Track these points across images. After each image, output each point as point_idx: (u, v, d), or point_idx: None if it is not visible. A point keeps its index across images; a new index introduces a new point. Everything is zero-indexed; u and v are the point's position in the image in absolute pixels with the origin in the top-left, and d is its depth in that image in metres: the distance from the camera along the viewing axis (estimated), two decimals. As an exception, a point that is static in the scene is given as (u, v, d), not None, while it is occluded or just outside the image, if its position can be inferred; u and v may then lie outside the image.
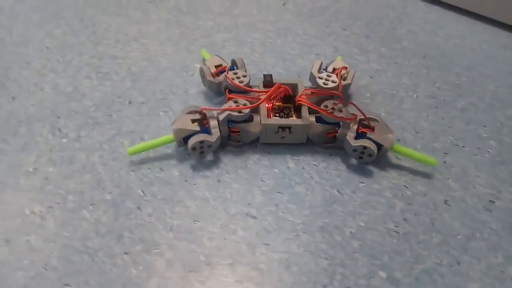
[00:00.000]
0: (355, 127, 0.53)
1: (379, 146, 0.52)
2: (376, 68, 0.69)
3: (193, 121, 0.52)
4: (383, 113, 0.62)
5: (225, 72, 0.58)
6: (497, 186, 0.53)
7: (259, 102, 0.53)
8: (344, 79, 0.60)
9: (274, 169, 0.54)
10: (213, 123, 0.52)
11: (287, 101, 0.56)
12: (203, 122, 0.53)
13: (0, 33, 0.71)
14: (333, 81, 0.56)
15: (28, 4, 0.77)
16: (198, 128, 0.52)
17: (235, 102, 0.53)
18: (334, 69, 0.60)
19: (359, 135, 0.53)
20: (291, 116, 0.55)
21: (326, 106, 0.53)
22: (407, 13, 0.82)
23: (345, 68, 0.61)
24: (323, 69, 0.61)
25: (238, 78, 0.56)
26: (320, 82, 0.56)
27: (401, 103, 0.63)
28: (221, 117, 0.52)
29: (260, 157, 0.55)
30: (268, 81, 0.56)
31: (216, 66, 0.60)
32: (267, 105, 0.55)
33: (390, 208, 0.50)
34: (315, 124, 0.54)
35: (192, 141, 0.51)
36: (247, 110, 0.52)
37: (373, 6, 0.83)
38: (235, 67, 0.60)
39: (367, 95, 0.64)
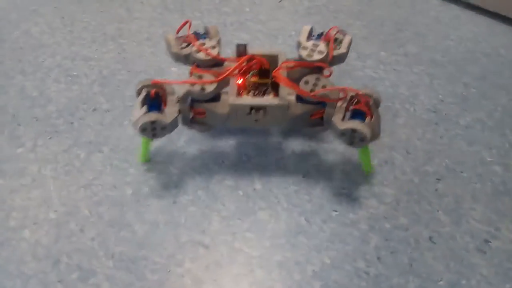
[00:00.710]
0: (344, 105, 0.43)
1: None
2: (372, 75, 0.62)
3: (143, 102, 0.44)
4: (372, 129, 0.55)
5: (191, 41, 0.47)
6: (496, 222, 0.46)
7: (224, 74, 0.43)
8: (339, 45, 0.48)
9: (238, 190, 0.48)
10: (171, 99, 0.44)
11: (266, 76, 0.47)
12: (161, 98, 0.44)
13: (-23, 30, 0.68)
14: (319, 52, 0.45)
15: (8, 0, 0.74)
16: (144, 110, 0.43)
17: (199, 77, 0.44)
18: (323, 34, 0.49)
19: (354, 114, 0.43)
20: (268, 95, 0.46)
21: (307, 82, 0.43)
22: (417, 12, 0.73)
23: (342, 32, 0.50)
24: (313, 36, 0.50)
25: (206, 49, 0.45)
26: (304, 53, 0.45)
27: (395, 117, 0.56)
28: (180, 93, 0.43)
29: (224, 176, 0.49)
30: (241, 52, 0.46)
31: (182, 37, 0.49)
32: (238, 81, 0.45)
33: (364, 243, 0.44)
34: (295, 104, 0.44)
35: (140, 121, 0.42)
36: (211, 86, 0.42)
37: (379, 3, 0.75)
38: (206, 36, 0.49)
39: (357, 106, 0.57)
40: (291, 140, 0.53)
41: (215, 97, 0.44)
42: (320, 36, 0.50)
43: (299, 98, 0.44)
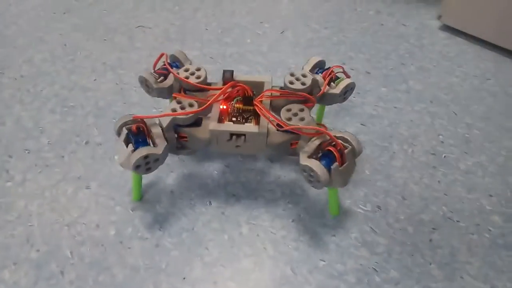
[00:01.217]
0: (317, 142, 0.42)
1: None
2: (371, 113, 0.60)
3: (126, 141, 0.43)
4: (367, 171, 0.53)
5: (170, 72, 0.48)
6: (492, 279, 0.43)
7: (206, 104, 0.44)
8: (336, 85, 0.49)
9: (224, 234, 0.47)
10: (155, 131, 0.43)
11: (249, 103, 0.46)
12: (143, 132, 0.44)
13: (-18, 57, 0.69)
14: (303, 83, 0.46)
15: (17, 27, 0.75)
16: (131, 148, 0.42)
17: (179, 102, 0.45)
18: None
19: (324, 154, 0.42)
20: (250, 122, 0.46)
21: (288, 110, 0.44)
22: (422, 46, 0.71)
23: (346, 74, 0.50)
24: (319, 70, 0.50)
25: (192, 74, 0.47)
26: (287, 79, 0.46)
27: (392, 159, 0.54)
28: (164, 123, 0.44)
29: (211, 218, 0.48)
30: (228, 79, 0.47)
31: (156, 71, 0.50)
32: (222, 107, 0.46)
33: (350, 298, 0.42)
34: (274, 132, 0.44)
35: (133, 158, 0.41)
36: (189, 114, 0.43)
37: (383, 36, 0.73)
38: (178, 64, 0.51)
39: (353, 146, 0.56)
40: (283, 181, 0.51)
41: (197, 122, 0.45)
42: (323, 71, 0.50)
43: (280, 126, 0.44)
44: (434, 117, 0.60)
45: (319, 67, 0.51)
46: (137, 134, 0.43)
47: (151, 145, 0.43)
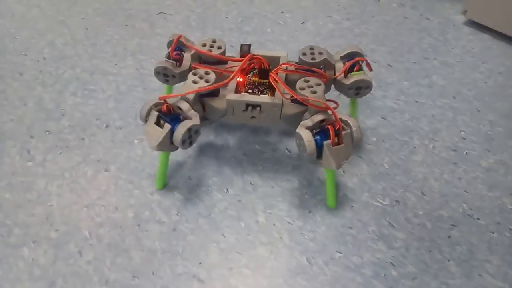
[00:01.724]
0: (320, 117, 0.43)
1: (320, 154, 0.42)
2: (392, 106, 0.59)
3: (158, 124, 0.44)
4: (386, 165, 0.52)
5: (191, 48, 0.49)
6: (511, 278, 0.42)
7: (231, 77, 0.45)
8: (352, 76, 0.48)
9: (240, 222, 0.47)
10: (184, 106, 0.44)
11: (265, 76, 0.48)
12: (170, 112, 0.44)
13: (5, 40, 0.70)
14: (313, 58, 0.48)
15: (39, 10, 0.76)
16: (168, 127, 0.43)
17: (195, 74, 0.46)
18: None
19: (321, 131, 0.43)
20: (265, 94, 0.47)
21: (306, 81, 0.45)
22: (446, 40, 0.70)
23: (369, 68, 0.50)
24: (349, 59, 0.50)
25: (212, 47, 0.50)
26: (301, 52, 0.48)
27: (412, 154, 0.54)
28: (190, 97, 0.45)
29: (228, 205, 0.48)
30: (245, 52, 0.49)
31: (168, 58, 0.50)
32: (238, 79, 0.47)
33: (366, 290, 0.42)
34: (289, 104, 0.46)
35: (180, 132, 0.42)
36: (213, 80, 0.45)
37: (406, 29, 0.72)
38: (181, 47, 0.51)
39: (373, 139, 0.55)
40: (301, 171, 0.51)
41: (215, 92, 0.47)
42: (351, 59, 0.49)
43: (294, 99, 0.45)
44: (456, 113, 0.59)
45: (352, 56, 0.50)
46: (168, 114, 0.44)
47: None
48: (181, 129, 0.42)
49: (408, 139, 0.55)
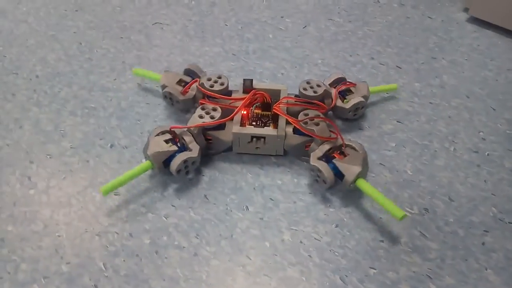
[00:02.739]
0: (327, 146, 0.47)
1: (341, 175, 0.45)
2: (406, 109, 0.58)
3: (166, 141, 0.47)
4: (409, 171, 0.50)
5: (196, 83, 0.53)
6: (554, 285, 0.41)
7: (234, 112, 0.48)
8: (348, 99, 0.54)
9: (264, 241, 0.44)
10: (187, 138, 0.48)
11: (267, 109, 0.51)
12: (175, 140, 0.48)
13: (-7, 58, 0.66)
14: (314, 92, 0.51)
15: (27, 26, 0.72)
16: (175, 148, 0.47)
17: (203, 109, 0.50)
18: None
19: (327, 158, 0.47)
20: (268, 126, 0.50)
21: (306, 114, 0.49)
22: (451, 39, 0.69)
23: (363, 89, 0.55)
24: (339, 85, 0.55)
25: (215, 82, 0.52)
26: (301, 87, 0.52)
27: (434, 158, 0.52)
28: (195, 130, 0.48)
29: (250, 224, 0.45)
30: (248, 87, 0.52)
31: (177, 83, 0.55)
32: (243, 112, 0.50)
33: (406, 307, 0.40)
34: (291, 135, 0.49)
35: (176, 162, 0.46)
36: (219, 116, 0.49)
37: (410, 29, 0.71)
38: (192, 76, 0.56)
39: (392, 145, 0.53)
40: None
41: (221, 126, 0.50)
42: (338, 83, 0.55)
43: (297, 130, 0.49)
44: (472, 113, 0.57)
45: (338, 82, 0.55)
46: (176, 141, 0.48)
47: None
48: (178, 159, 0.46)
49: (428, 143, 0.53)
